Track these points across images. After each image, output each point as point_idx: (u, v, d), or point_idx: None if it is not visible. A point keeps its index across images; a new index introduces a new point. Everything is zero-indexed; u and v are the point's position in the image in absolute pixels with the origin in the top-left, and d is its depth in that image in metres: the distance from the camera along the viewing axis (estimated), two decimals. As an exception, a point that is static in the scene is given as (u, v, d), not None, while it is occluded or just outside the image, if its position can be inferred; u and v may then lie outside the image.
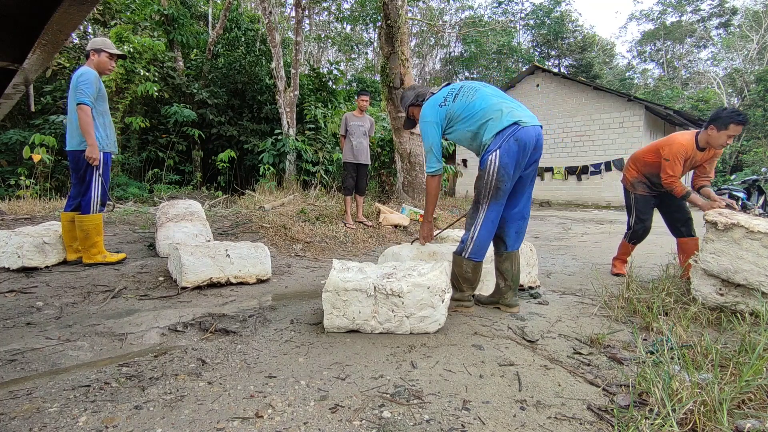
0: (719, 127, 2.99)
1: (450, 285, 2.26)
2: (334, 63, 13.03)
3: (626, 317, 2.45)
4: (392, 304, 2.10)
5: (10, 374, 1.65)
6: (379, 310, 2.11)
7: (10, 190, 7.99)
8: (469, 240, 2.35)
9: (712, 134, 3.05)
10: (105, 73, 3.39)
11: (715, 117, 3.02)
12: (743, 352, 1.68)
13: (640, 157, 3.46)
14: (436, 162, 2.50)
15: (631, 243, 3.62)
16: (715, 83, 26.46)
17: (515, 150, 2.21)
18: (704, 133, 3.10)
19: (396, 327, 2.12)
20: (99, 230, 3.33)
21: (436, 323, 2.14)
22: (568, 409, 1.44)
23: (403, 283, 2.11)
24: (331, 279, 2.14)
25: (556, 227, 8.08)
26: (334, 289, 2.10)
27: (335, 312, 2.11)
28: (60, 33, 1.46)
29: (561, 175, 14.72)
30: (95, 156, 3.18)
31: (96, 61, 3.33)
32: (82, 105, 3.13)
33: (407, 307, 2.09)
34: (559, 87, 14.80)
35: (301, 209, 5.82)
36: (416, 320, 2.11)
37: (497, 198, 2.26)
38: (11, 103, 2.73)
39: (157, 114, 10.86)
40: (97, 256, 3.34)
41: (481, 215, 2.31)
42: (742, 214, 2.56)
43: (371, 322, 2.12)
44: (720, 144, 3.07)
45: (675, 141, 3.16)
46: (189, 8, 12.97)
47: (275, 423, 1.33)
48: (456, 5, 25.43)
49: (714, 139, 3.06)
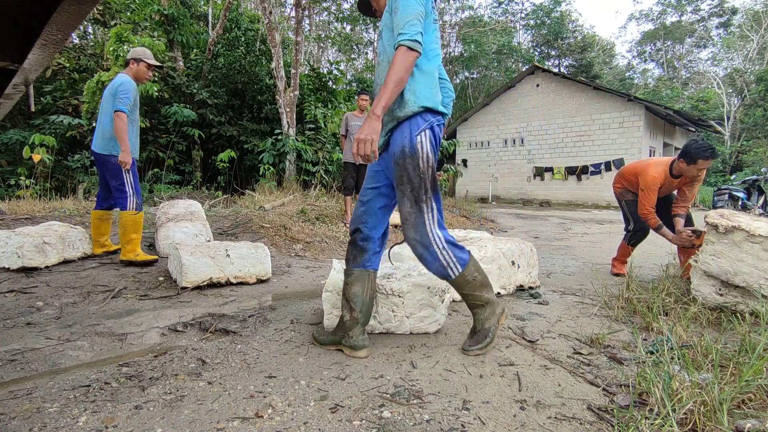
0: (688, 161, 3.12)
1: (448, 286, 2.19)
2: (334, 63, 13.03)
3: (626, 317, 2.45)
4: (392, 304, 2.10)
5: (10, 374, 1.65)
6: (379, 310, 2.11)
7: (10, 190, 7.99)
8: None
9: (683, 167, 3.17)
10: (142, 82, 3.56)
11: (684, 151, 3.12)
12: (743, 352, 1.68)
13: (626, 175, 3.61)
14: (419, 34, 1.61)
15: (631, 245, 3.65)
16: (715, 83, 26.46)
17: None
18: (677, 164, 3.22)
19: (396, 327, 2.12)
20: (137, 228, 3.43)
21: (436, 323, 2.14)
22: (568, 409, 1.44)
23: (403, 283, 2.11)
24: (330, 279, 2.14)
25: (556, 227, 8.08)
26: (334, 289, 2.10)
27: (335, 312, 2.11)
28: (60, 33, 1.45)
29: (561, 175, 14.72)
30: (128, 161, 3.33)
31: (135, 69, 3.49)
32: (120, 113, 3.27)
33: (407, 307, 2.09)
34: (559, 87, 14.80)
35: (301, 209, 5.82)
36: (416, 320, 2.11)
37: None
38: (11, 103, 2.72)
39: (157, 114, 10.86)
40: (130, 254, 3.44)
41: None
42: (742, 216, 2.55)
43: (371, 322, 2.11)
44: (691, 176, 3.21)
45: (648, 174, 3.26)
46: (189, 8, 12.97)
47: (275, 423, 1.33)
48: (456, 5, 25.43)
49: (686, 171, 3.18)
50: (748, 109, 23.56)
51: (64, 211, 5.16)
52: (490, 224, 7.73)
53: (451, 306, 2.65)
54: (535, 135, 15.48)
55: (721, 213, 2.58)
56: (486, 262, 2.85)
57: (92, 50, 11.90)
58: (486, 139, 16.94)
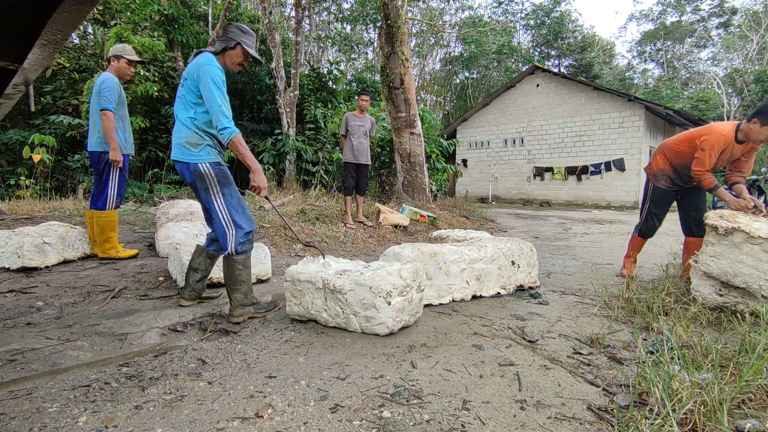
0: (763, 121, 2.78)
1: (405, 287, 2.14)
2: (334, 63, 13.02)
3: (626, 317, 2.45)
4: (338, 300, 2.13)
5: (10, 374, 1.65)
6: (329, 304, 2.16)
7: (10, 190, 7.99)
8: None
9: (754, 128, 2.82)
10: (124, 78, 3.57)
11: (762, 110, 2.79)
12: (743, 352, 1.68)
13: (672, 146, 3.25)
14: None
15: (641, 237, 3.53)
16: (715, 83, 26.45)
17: None
18: (746, 125, 2.88)
19: (345, 323, 2.13)
20: (113, 226, 3.53)
21: (384, 326, 2.05)
22: (568, 409, 1.44)
23: (346, 280, 2.12)
24: (289, 270, 2.29)
25: (556, 227, 8.08)
26: (291, 279, 2.26)
27: (294, 300, 2.25)
28: (60, 33, 1.45)
29: (561, 175, 14.72)
30: (119, 159, 3.36)
31: (116, 67, 3.50)
32: (106, 111, 3.30)
33: (351, 305, 2.09)
34: (559, 87, 14.81)
35: (301, 209, 5.82)
36: (363, 320, 2.09)
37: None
38: (11, 103, 2.73)
39: (157, 114, 10.86)
40: (110, 251, 3.52)
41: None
42: (742, 217, 2.54)
43: (323, 315, 2.18)
44: (760, 140, 2.86)
45: (714, 130, 2.95)
46: (189, 8, 12.97)
47: (275, 423, 1.33)
48: (456, 5, 25.43)
49: (755, 134, 2.84)
50: (747, 109, 23.56)
51: (64, 211, 5.16)
52: (490, 224, 7.73)
53: (452, 306, 2.65)
54: (535, 135, 15.49)
55: (721, 214, 2.57)
56: (486, 262, 2.85)
57: (92, 50, 11.89)
58: (486, 139, 16.94)
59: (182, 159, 2.22)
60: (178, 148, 2.23)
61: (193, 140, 2.20)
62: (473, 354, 1.89)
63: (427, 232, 5.93)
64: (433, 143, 10.04)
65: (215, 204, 2.25)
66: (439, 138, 10.82)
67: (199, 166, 2.20)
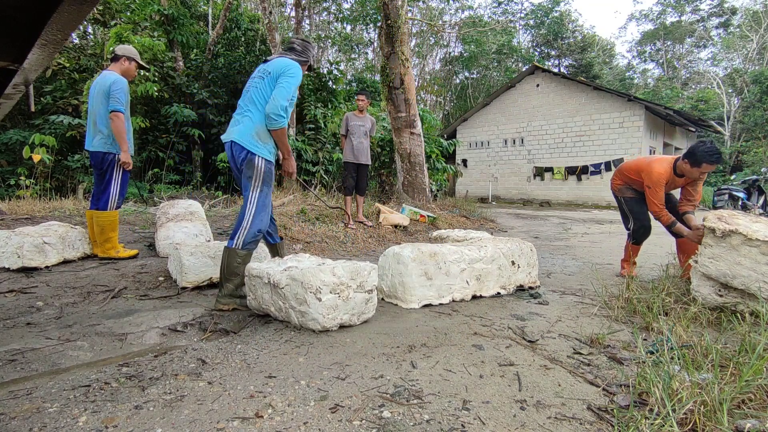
0: (692, 163, 3.09)
1: (343, 284, 2.16)
2: (334, 63, 13.02)
3: (626, 317, 2.45)
4: (279, 295, 2.16)
5: (10, 374, 1.65)
6: (274, 299, 2.20)
7: (10, 190, 7.99)
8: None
9: (686, 167, 3.15)
10: (129, 80, 3.59)
11: (690, 152, 3.09)
12: (743, 352, 1.68)
13: (625, 172, 3.58)
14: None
15: (635, 244, 3.61)
16: (715, 83, 26.45)
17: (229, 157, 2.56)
18: (680, 163, 3.19)
19: (287, 317, 2.17)
20: (114, 227, 3.52)
21: (315, 322, 2.06)
22: (568, 409, 1.44)
23: (284, 276, 2.15)
24: (247, 266, 2.37)
25: (556, 227, 8.09)
26: (248, 275, 2.34)
27: (251, 295, 2.33)
28: (60, 33, 1.45)
29: (561, 175, 14.73)
30: (129, 161, 3.38)
31: (125, 67, 3.52)
32: (117, 113, 3.29)
33: (288, 299, 2.13)
34: (559, 87, 14.81)
35: (301, 209, 5.82)
36: (299, 314, 2.11)
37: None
38: (11, 103, 2.72)
39: (157, 114, 10.86)
40: (111, 251, 3.51)
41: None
42: (742, 218, 2.55)
43: (272, 308, 2.22)
44: (693, 177, 3.19)
45: (653, 170, 3.23)
46: (189, 8, 12.97)
47: (275, 423, 1.33)
48: (456, 5, 25.43)
49: (688, 172, 3.17)
50: (747, 109, 23.57)
51: (64, 211, 5.16)
52: (490, 224, 7.73)
53: (452, 306, 2.65)
54: (535, 135, 15.49)
55: (720, 215, 2.58)
56: (486, 262, 2.85)
57: (92, 50, 11.89)
58: (486, 139, 16.94)
59: (246, 146, 2.41)
60: (243, 134, 2.42)
61: (263, 136, 2.45)
62: (473, 354, 1.89)
63: (427, 232, 5.93)
64: (433, 143, 10.04)
65: (251, 194, 2.45)
66: (439, 138, 10.83)
67: (257, 158, 2.42)
